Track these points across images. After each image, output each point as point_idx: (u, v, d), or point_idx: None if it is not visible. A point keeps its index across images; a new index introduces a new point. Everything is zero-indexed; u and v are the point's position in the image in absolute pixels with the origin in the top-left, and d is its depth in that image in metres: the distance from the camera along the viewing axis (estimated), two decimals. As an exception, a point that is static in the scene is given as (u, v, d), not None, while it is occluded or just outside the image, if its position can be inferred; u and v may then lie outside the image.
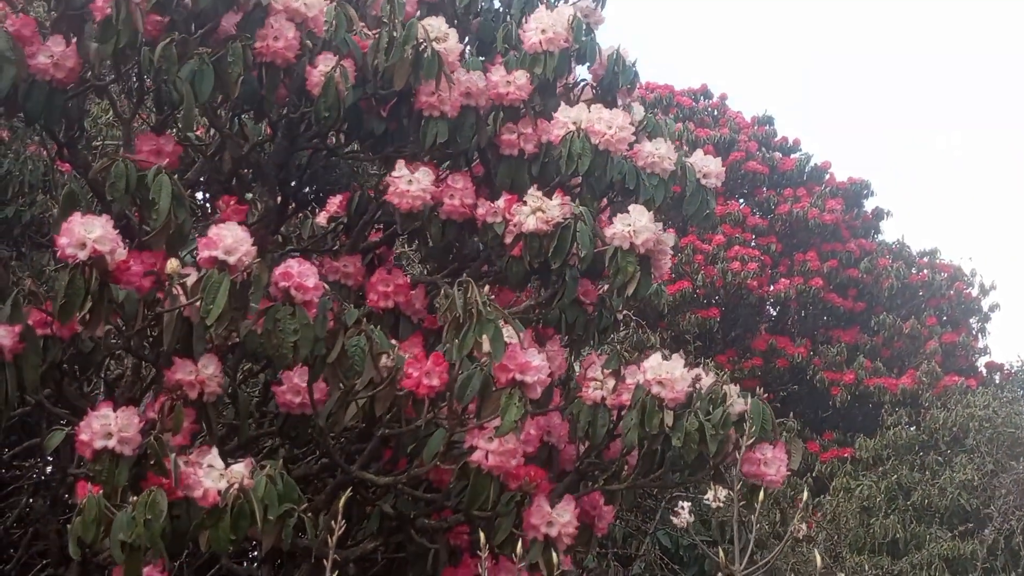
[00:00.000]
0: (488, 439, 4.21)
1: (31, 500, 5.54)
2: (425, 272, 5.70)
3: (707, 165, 5.31)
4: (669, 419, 4.41)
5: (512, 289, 5.12)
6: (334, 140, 5.35)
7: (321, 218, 5.86)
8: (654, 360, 4.50)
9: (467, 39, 5.57)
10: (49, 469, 5.27)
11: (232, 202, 4.71)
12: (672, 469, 4.62)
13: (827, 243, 19.09)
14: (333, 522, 3.12)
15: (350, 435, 4.90)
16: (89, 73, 4.61)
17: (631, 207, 4.76)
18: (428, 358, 4.24)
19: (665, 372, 4.46)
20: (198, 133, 5.98)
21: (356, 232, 5.44)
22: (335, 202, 5.77)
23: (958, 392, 14.81)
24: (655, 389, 4.46)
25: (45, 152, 6.17)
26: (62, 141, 4.85)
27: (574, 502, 4.34)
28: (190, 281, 3.89)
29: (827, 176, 20.19)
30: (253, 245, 3.88)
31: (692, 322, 17.05)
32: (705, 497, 5.37)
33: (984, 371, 18.60)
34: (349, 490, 4.00)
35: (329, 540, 3.11)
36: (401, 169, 4.81)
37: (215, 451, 3.72)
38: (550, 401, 4.72)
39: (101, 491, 3.53)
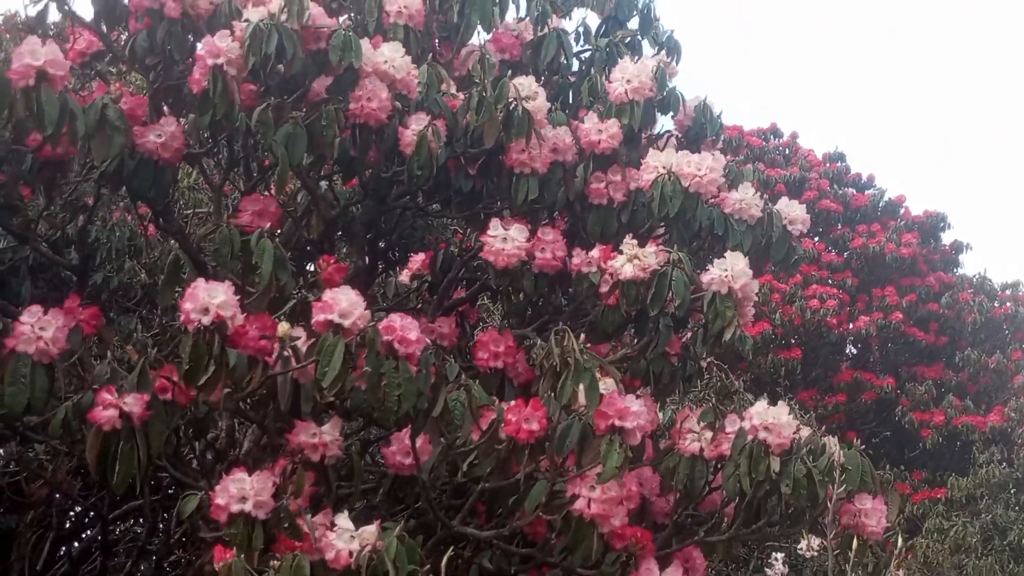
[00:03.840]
0: (590, 487, 4.23)
1: (134, 563, 5.64)
2: (508, 326, 5.75)
3: (792, 211, 5.32)
4: (776, 465, 4.38)
5: (605, 339, 5.14)
6: (422, 199, 5.43)
7: (404, 276, 5.94)
8: (760, 406, 4.49)
9: (548, 94, 5.64)
10: (144, 531, 5.36)
11: (331, 261, 4.81)
12: (771, 520, 4.59)
13: (905, 278, 18.86)
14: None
15: (447, 490, 4.94)
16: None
17: (727, 253, 4.78)
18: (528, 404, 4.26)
19: (772, 418, 4.44)
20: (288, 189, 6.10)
21: (441, 291, 5.51)
22: (417, 260, 5.85)
23: (1051, 427, 14.53)
24: (762, 435, 4.43)
25: (131, 217, 6.34)
26: (158, 210, 4.99)
27: (681, 566, 4.34)
28: (300, 343, 3.97)
29: (902, 210, 19.99)
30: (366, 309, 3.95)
31: (774, 363, 16.90)
32: (799, 547, 5.33)
33: (1074, 404, 18.17)
34: (440, 544, 4.04)
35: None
36: (496, 228, 4.87)
37: (344, 513, 3.78)
38: (644, 454, 4.72)
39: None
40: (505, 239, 4.87)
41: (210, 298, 3.77)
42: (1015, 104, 53.80)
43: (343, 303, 3.89)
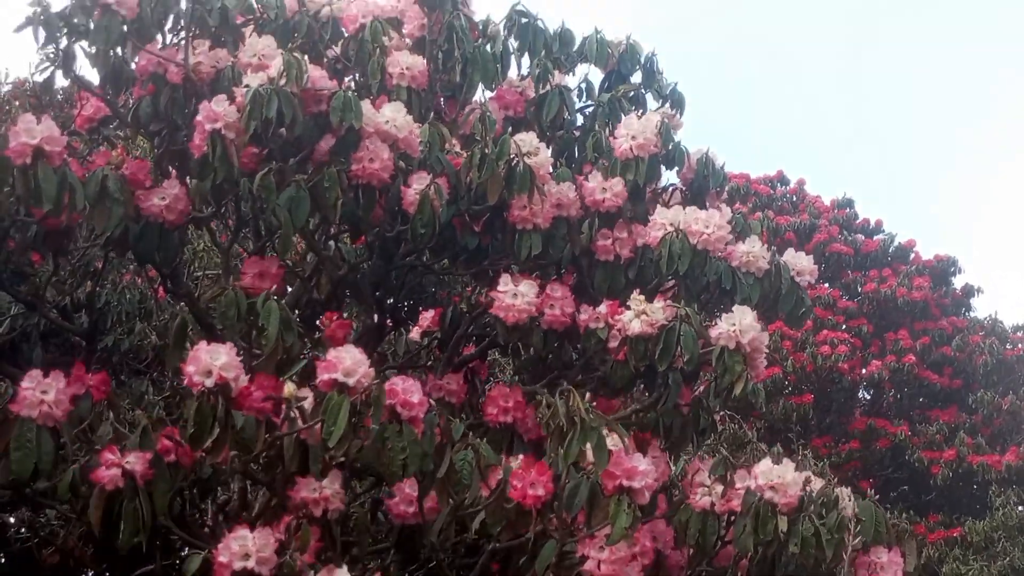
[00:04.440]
0: (600, 548, 4.20)
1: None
2: (517, 381, 5.75)
3: (800, 263, 5.33)
4: (784, 525, 4.35)
5: (614, 394, 5.13)
6: (428, 257, 5.45)
7: (414, 333, 5.95)
8: (765, 464, 4.47)
9: (552, 150, 5.68)
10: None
11: (335, 317, 4.81)
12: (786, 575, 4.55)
13: (918, 321, 18.82)
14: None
15: (459, 549, 4.91)
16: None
17: (735, 307, 4.78)
18: (533, 468, 4.25)
19: (777, 477, 4.41)
20: (293, 252, 6.14)
21: (451, 347, 5.51)
22: (427, 317, 5.86)
23: (1067, 467, 14.43)
24: (768, 494, 4.41)
25: (141, 280, 6.38)
26: (166, 273, 5.01)
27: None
28: (307, 403, 3.97)
29: (912, 255, 19.97)
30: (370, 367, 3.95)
31: (785, 410, 16.83)
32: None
33: (1090, 445, 18.05)
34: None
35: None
36: (506, 283, 4.89)
37: (345, 568, 3.79)
38: (656, 508, 4.70)
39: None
40: (516, 295, 4.88)
41: (212, 360, 3.79)
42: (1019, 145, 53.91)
43: (347, 361, 3.90)
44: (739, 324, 4.72)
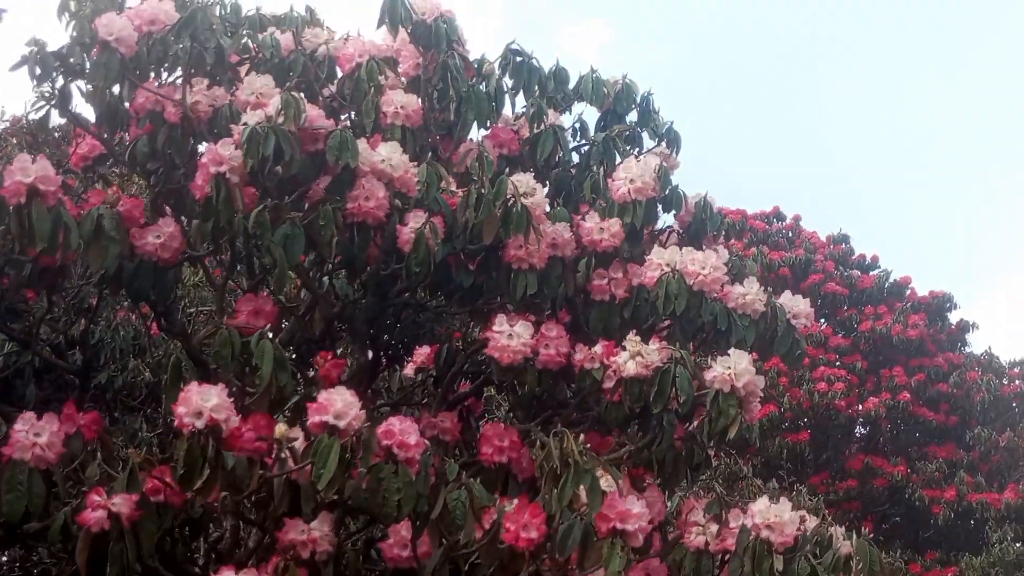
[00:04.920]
0: (592, 590, 4.18)
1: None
2: (513, 419, 5.74)
3: (796, 306, 5.32)
4: (780, 564, 4.33)
5: (608, 432, 5.11)
6: (423, 295, 5.45)
7: (408, 370, 5.94)
8: (762, 503, 4.45)
9: (547, 189, 5.69)
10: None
11: (329, 357, 4.80)
12: (781, 613, 4.52)
13: (913, 359, 18.83)
14: None
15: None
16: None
17: (731, 350, 4.78)
18: (527, 509, 4.23)
19: (774, 516, 4.39)
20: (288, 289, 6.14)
21: (445, 384, 5.50)
22: (422, 353, 5.85)
23: (1064, 505, 14.40)
24: (764, 533, 4.39)
25: (135, 317, 6.37)
26: (160, 311, 5.01)
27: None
28: (298, 444, 3.96)
29: (908, 291, 20.01)
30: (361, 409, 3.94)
31: (782, 447, 16.81)
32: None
33: (1088, 482, 18.02)
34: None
35: None
36: (501, 324, 4.88)
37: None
38: (651, 547, 4.68)
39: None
40: (511, 336, 4.86)
41: (204, 401, 3.78)
42: (1017, 181, 54.13)
43: (338, 404, 3.89)
44: (734, 368, 4.71)
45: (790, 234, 20.75)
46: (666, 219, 5.52)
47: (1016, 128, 54.33)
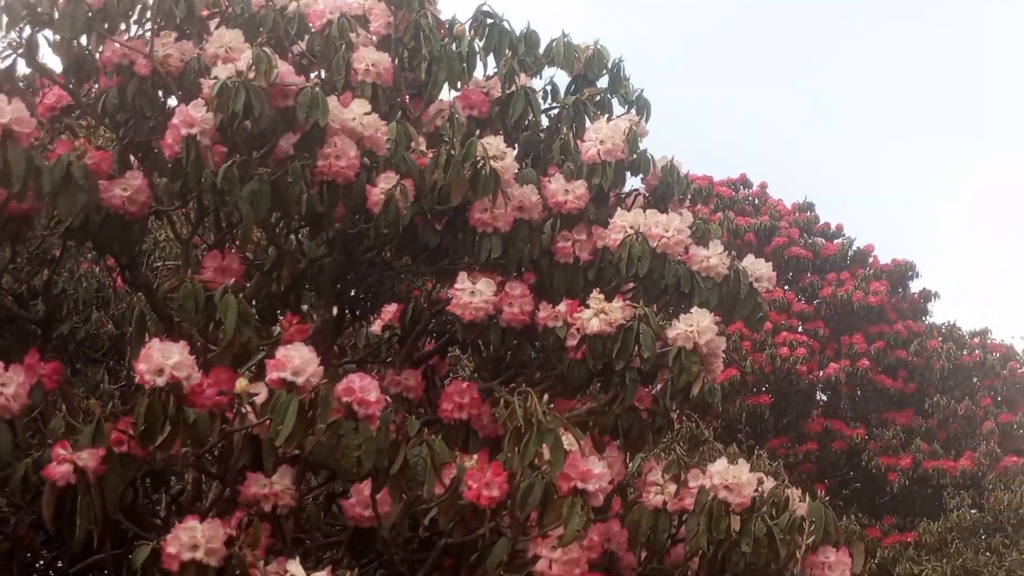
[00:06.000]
0: (551, 548, 4.23)
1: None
2: (477, 379, 5.78)
3: (759, 269, 5.37)
4: (736, 524, 4.40)
5: (571, 394, 5.16)
6: (389, 254, 5.46)
7: (376, 327, 5.95)
8: (720, 464, 4.51)
9: (517, 151, 5.70)
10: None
11: (295, 321, 4.81)
12: (735, 574, 4.60)
13: (873, 326, 19.00)
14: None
15: (412, 545, 4.93)
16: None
17: (693, 309, 4.83)
18: (489, 467, 4.28)
19: (732, 477, 4.46)
20: (253, 244, 6.13)
21: (410, 342, 5.52)
22: (389, 311, 5.86)
23: (1020, 473, 14.62)
24: (722, 494, 4.45)
25: (98, 269, 6.34)
26: (124, 263, 5.00)
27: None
28: (259, 399, 3.98)
29: (871, 259, 20.16)
30: (320, 365, 3.96)
31: (743, 410, 16.97)
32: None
33: (1043, 451, 18.31)
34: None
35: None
36: (463, 281, 4.90)
37: (296, 559, 3.76)
38: (610, 508, 4.74)
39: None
40: (473, 293, 4.89)
41: (165, 359, 3.78)
42: (981, 152, 54.47)
43: (296, 360, 3.90)
44: (697, 325, 4.77)
45: (756, 201, 20.83)
46: (633, 183, 5.55)
47: (979, 103, 54.64)
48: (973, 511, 14.42)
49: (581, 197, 5.11)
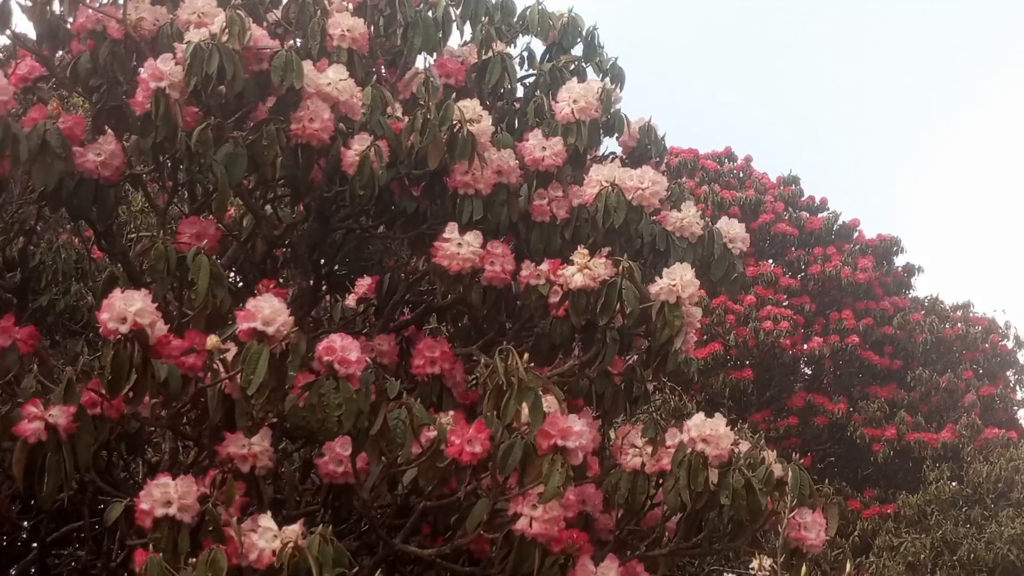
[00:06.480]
0: (532, 506, 4.24)
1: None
2: (454, 347, 5.78)
3: (732, 230, 5.39)
4: (715, 477, 4.42)
5: (547, 359, 5.15)
6: (366, 220, 5.45)
7: (350, 300, 5.94)
8: (698, 418, 4.54)
9: (493, 117, 5.69)
10: (89, 555, 5.30)
11: (271, 285, 4.81)
12: (712, 535, 4.63)
13: (860, 301, 19.03)
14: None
15: (390, 509, 4.94)
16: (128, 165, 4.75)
17: (675, 265, 4.84)
18: (469, 427, 4.28)
19: (709, 429, 4.48)
20: (230, 214, 6.11)
21: (387, 313, 5.52)
22: (364, 284, 5.85)
23: (1000, 445, 14.70)
24: (700, 447, 4.47)
25: (77, 240, 6.30)
26: (100, 230, 4.98)
27: (617, 561, 4.35)
28: (230, 356, 3.97)
29: (856, 234, 20.18)
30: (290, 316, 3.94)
31: (726, 384, 17.01)
32: (750, 566, 5.36)
33: (1024, 423, 18.42)
34: (382, 563, 4.03)
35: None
36: (452, 232, 4.89)
37: (268, 514, 3.76)
38: (586, 471, 4.75)
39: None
40: (460, 244, 4.88)
41: (127, 306, 3.75)
42: (963, 127, 54.61)
43: (266, 310, 3.90)
44: (680, 280, 4.78)
45: (741, 174, 20.84)
46: (609, 145, 5.56)
47: (962, 75, 54.73)
48: (953, 483, 14.49)
49: (558, 154, 5.12)
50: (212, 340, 3.91)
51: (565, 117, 5.23)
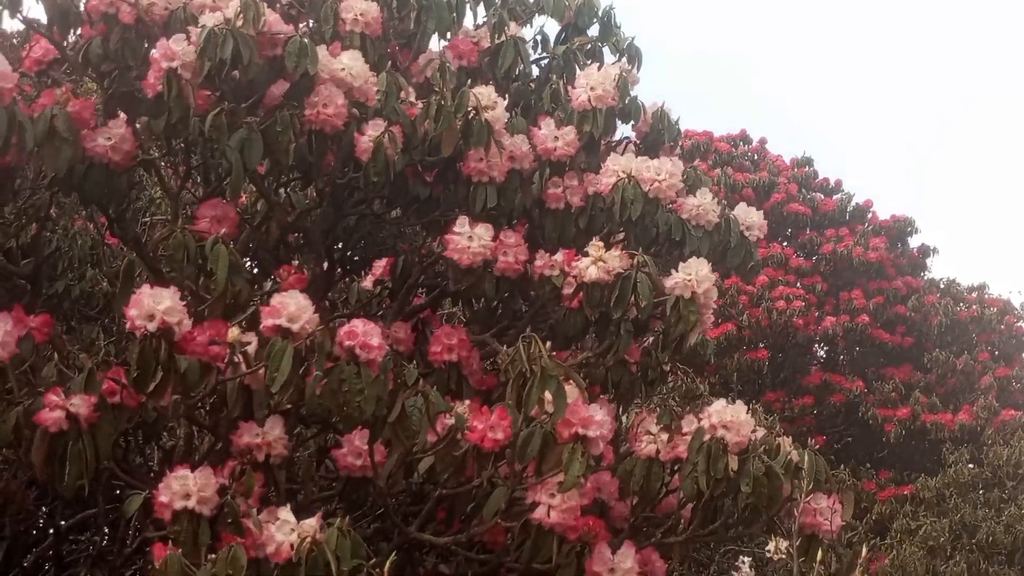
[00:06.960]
0: (550, 495, 4.22)
1: (89, 574, 5.57)
2: (469, 332, 5.75)
3: (750, 217, 5.34)
4: (735, 463, 4.39)
5: (565, 345, 5.13)
6: (379, 206, 5.42)
7: (367, 282, 5.92)
8: (719, 404, 4.50)
9: (507, 101, 5.65)
10: (104, 542, 5.31)
11: (291, 271, 4.78)
12: (728, 522, 4.60)
13: (873, 281, 19.00)
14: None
15: (405, 497, 4.93)
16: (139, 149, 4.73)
17: (691, 259, 4.80)
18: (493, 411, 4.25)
19: (731, 415, 4.44)
20: (242, 200, 6.09)
21: (401, 296, 5.49)
22: (380, 266, 5.83)
23: (1018, 427, 14.65)
24: (720, 433, 4.43)
25: (92, 227, 6.29)
26: (113, 217, 4.96)
27: (634, 548, 4.33)
28: (251, 348, 3.95)
29: (870, 215, 20.13)
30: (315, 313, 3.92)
31: (739, 364, 16.98)
32: (766, 549, 5.35)
33: (1041, 405, 18.35)
34: (397, 551, 4.02)
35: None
36: (462, 225, 4.86)
37: (287, 507, 3.75)
38: (602, 459, 4.72)
39: (180, 552, 3.56)
40: (471, 237, 4.84)
41: (156, 304, 3.74)
42: (982, 109, 54.27)
43: (291, 307, 3.88)
44: (695, 274, 4.74)
45: (755, 157, 20.77)
46: (623, 131, 5.51)
47: (980, 52, 54.38)
48: (971, 466, 14.44)
49: (570, 144, 5.07)
50: (233, 333, 3.90)
51: (582, 104, 5.17)
